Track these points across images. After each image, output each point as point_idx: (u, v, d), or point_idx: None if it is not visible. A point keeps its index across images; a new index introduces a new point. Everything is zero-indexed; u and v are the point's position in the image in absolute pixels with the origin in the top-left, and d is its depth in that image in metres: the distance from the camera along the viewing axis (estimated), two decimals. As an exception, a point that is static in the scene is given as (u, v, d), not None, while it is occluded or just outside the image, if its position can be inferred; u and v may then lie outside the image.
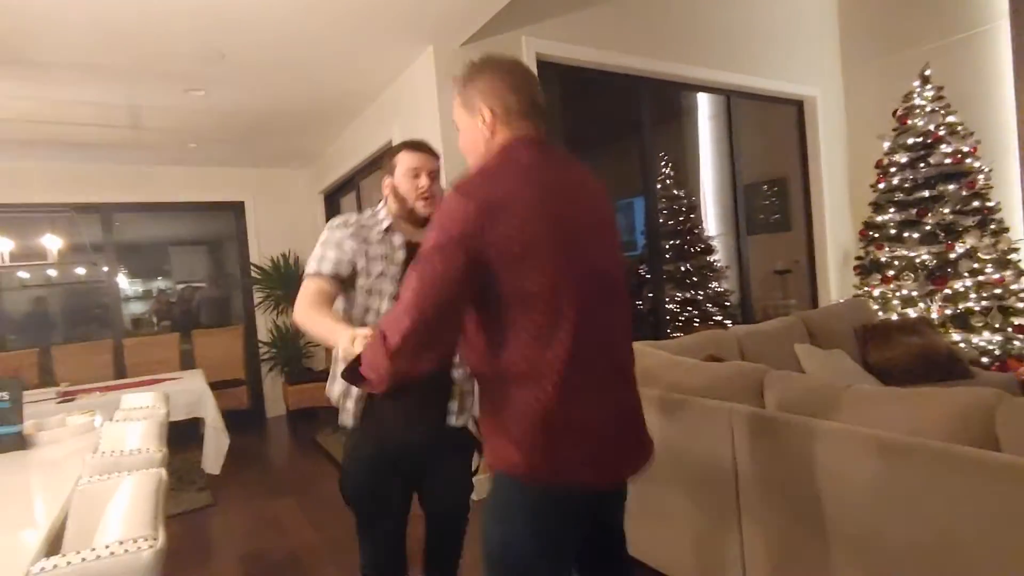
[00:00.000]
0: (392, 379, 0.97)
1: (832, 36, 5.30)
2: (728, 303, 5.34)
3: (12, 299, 5.48)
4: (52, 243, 4.10)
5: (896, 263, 4.31)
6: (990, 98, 4.44)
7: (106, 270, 5.12)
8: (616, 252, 1.16)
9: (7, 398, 2.05)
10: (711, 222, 5.68)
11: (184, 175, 5.25)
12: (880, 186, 4.47)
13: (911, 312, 4.16)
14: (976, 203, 4.08)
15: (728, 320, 5.22)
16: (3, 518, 1.45)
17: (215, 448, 3.52)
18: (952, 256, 4.06)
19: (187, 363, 4.96)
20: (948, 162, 4.15)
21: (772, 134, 5.33)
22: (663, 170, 5.50)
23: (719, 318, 5.27)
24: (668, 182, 5.51)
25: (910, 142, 4.30)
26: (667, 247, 5.36)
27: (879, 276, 4.41)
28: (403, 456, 1.54)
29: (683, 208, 5.45)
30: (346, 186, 5.08)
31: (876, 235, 4.47)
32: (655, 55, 3.91)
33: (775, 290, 5.48)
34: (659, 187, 5.35)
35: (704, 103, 5.68)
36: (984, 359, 3.90)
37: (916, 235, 4.23)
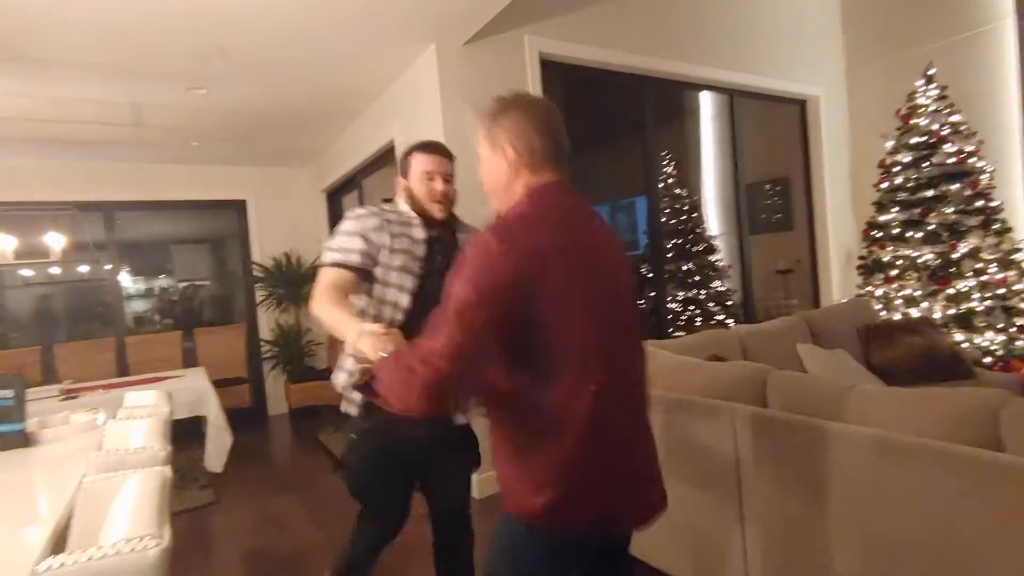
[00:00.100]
0: (419, 413, 0.96)
1: (835, 35, 5.29)
2: (730, 302, 5.33)
3: (15, 297, 5.50)
4: (55, 241, 4.11)
5: (899, 263, 4.30)
6: (994, 98, 4.43)
7: (108, 268, 5.13)
8: (634, 299, 1.17)
9: (10, 396, 2.06)
10: (713, 221, 5.67)
11: (186, 173, 5.25)
12: (883, 186, 4.46)
13: (914, 312, 4.16)
14: (979, 203, 4.07)
15: (730, 319, 5.22)
16: (7, 516, 1.46)
17: (217, 446, 3.53)
18: (955, 256, 4.05)
19: (189, 361, 4.97)
20: (951, 162, 4.14)
21: (775, 133, 5.31)
22: (665, 169, 5.50)
23: (721, 317, 5.26)
24: (670, 181, 5.51)
25: (913, 141, 4.29)
26: (669, 246, 5.36)
27: (882, 276, 4.40)
28: (406, 450, 1.55)
29: (685, 207, 5.44)
30: (348, 185, 5.08)
31: (879, 235, 4.46)
32: (658, 54, 3.91)
33: (777, 290, 5.47)
34: (661, 186, 5.35)
35: (707, 102, 5.67)
36: (987, 359, 3.90)
37: (919, 235, 4.22)
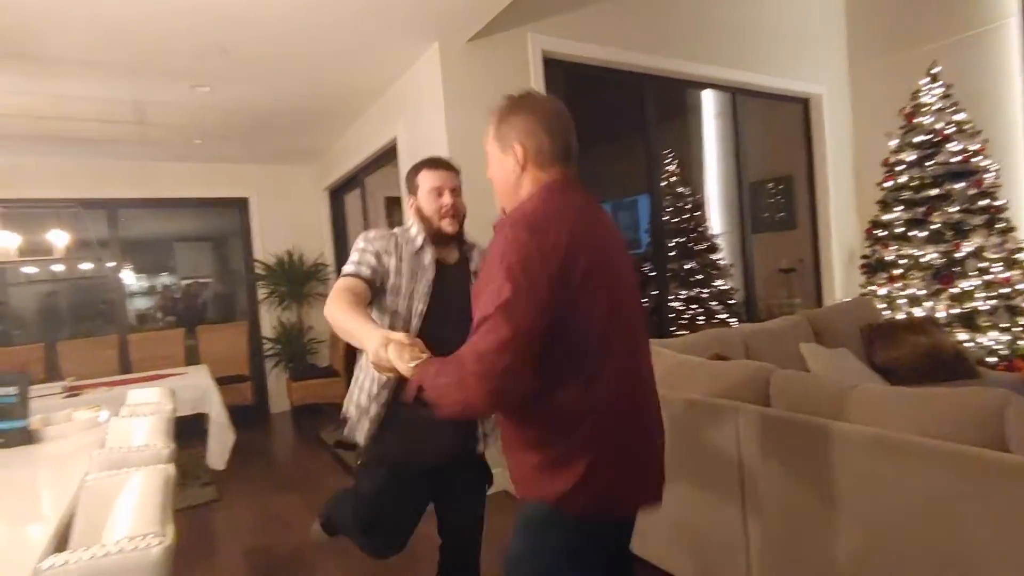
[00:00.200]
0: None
1: (839, 33, 5.27)
2: (733, 301, 5.32)
3: (18, 294, 5.51)
4: (58, 238, 4.11)
5: (902, 262, 4.28)
6: (998, 96, 4.41)
7: (111, 265, 5.14)
8: (638, 291, 1.21)
9: (13, 393, 2.06)
10: (716, 220, 5.65)
11: (189, 171, 5.26)
12: (887, 184, 4.44)
13: (917, 311, 4.14)
14: (984, 202, 4.05)
15: (732, 318, 5.21)
16: (10, 513, 1.46)
17: (220, 443, 3.53)
18: (959, 255, 4.03)
19: (192, 359, 4.97)
20: (956, 160, 4.12)
21: (778, 132, 5.30)
22: (668, 167, 5.48)
23: (723, 316, 5.25)
24: (673, 180, 5.49)
25: (917, 140, 4.26)
26: (672, 245, 5.34)
27: (885, 275, 4.38)
28: (418, 477, 1.56)
29: (688, 206, 5.42)
30: (351, 183, 5.08)
31: (882, 233, 4.44)
32: (661, 52, 3.90)
33: (780, 288, 5.45)
34: (664, 185, 5.33)
35: (709, 100, 5.65)
36: (991, 359, 3.88)
37: (923, 234, 4.20)
